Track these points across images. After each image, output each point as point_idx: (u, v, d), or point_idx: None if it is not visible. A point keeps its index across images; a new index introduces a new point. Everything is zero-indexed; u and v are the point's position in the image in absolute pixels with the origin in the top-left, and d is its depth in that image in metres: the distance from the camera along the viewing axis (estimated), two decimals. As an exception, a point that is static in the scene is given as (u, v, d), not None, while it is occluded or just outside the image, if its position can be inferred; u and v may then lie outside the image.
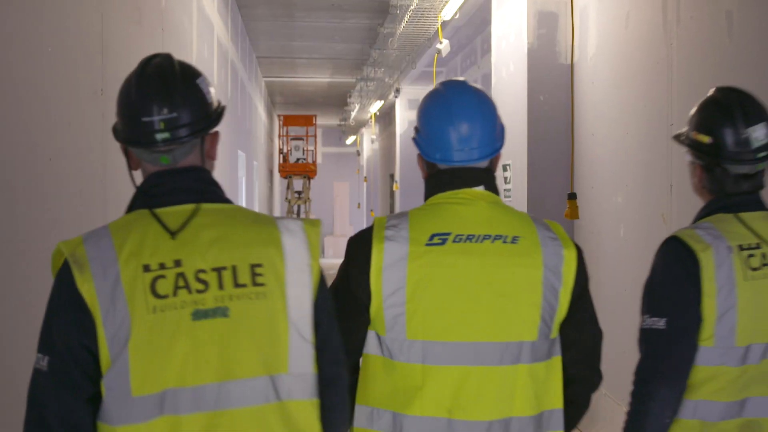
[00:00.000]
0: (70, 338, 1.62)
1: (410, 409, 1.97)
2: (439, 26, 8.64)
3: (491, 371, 1.98)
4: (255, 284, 1.73)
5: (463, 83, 2.20)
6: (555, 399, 2.03)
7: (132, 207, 1.76)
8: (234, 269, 1.73)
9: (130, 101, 1.79)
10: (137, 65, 1.82)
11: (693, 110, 2.43)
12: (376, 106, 16.46)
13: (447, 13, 8.11)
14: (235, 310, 1.71)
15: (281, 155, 21.49)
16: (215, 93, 1.88)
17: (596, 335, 2.13)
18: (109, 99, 3.75)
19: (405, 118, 16.38)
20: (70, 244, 1.69)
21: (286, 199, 21.13)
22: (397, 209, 16.42)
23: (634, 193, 5.37)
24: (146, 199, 1.75)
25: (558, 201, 6.48)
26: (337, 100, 20.71)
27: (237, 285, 1.72)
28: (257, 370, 1.71)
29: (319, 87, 18.88)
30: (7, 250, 2.60)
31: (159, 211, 1.73)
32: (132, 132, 1.78)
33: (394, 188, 16.62)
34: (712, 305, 2.16)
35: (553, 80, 6.50)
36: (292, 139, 21.42)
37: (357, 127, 23.46)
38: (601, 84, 5.93)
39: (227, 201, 1.82)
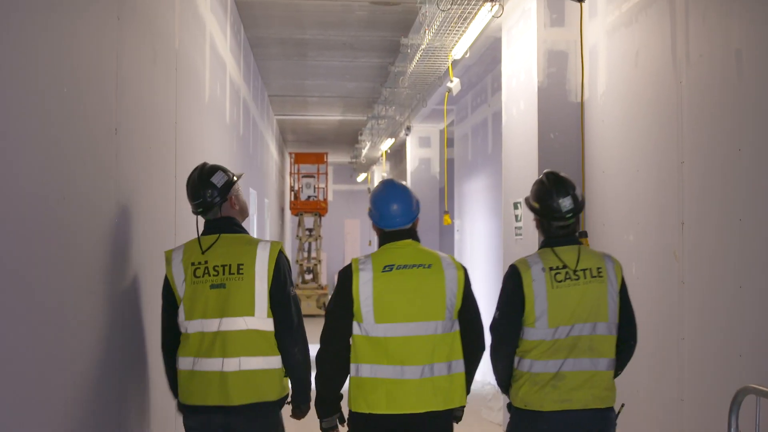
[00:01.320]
0: (165, 291, 3.87)
1: (382, 361, 3.64)
2: (450, 65, 8.69)
3: (421, 338, 3.67)
4: (239, 273, 3.75)
5: (393, 182, 3.90)
6: (457, 354, 3.75)
7: (199, 235, 3.89)
8: (230, 266, 3.76)
9: (188, 188, 3.95)
10: (193, 171, 3.95)
11: (532, 185, 3.97)
12: (387, 144, 16.52)
13: (457, 52, 8.17)
14: (229, 285, 3.75)
15: (292, 193, 21.57)
16: (228, 175, 3.93)
17: (478, 318, 3.83)
18: (123, 138, 3.79)
19: (416, 155, 16.42)
20: (168, 251, 3.88)
21: (297, 236, 21.15)
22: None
23: (646, 230, 5.36)
24: (200, 233, 3.91)
25: (569, 238, 6.48)
26: (348, 137, 20.81)
27: (230, 273, 3.75)
28: (239, 313, 3.72)
29: (331, 125, 18.99)
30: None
31: (201, 238, 3.86)
32: (192, 206, 3.96)
33: (405, 226, 16.62)
34: (532, 303, 3.75)
35: (563, 118, 6.52)
36: (303, 177, 21.50)
37: (368, 165, 23.54)
38: (611, 122, 5.95)
39: (239, 231, 3.88)
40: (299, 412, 3.90)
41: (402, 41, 9.14)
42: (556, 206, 3.82)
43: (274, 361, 3.73)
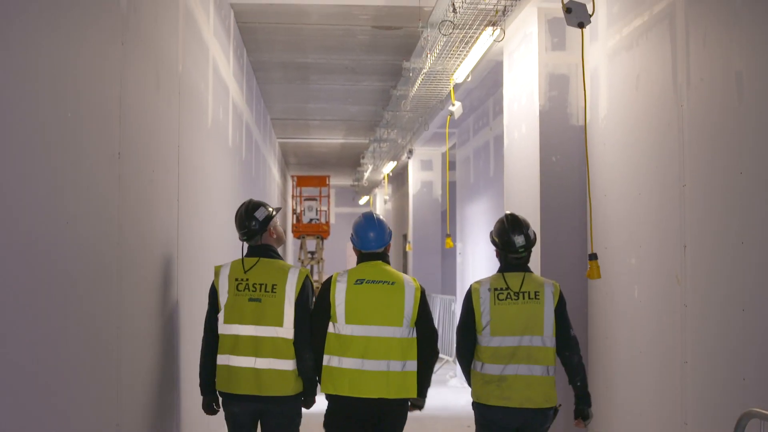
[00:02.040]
0: (211, 298, 4.71)
1: (347, 354, 4.54)
2: (452, 89, 8.73)
3: (380, 339, 4.54)
4: (273, 292, 4.64)
5: (372, 215, 4.80)
6: (412, 355, 4.58)
7: (243, 257, 4.75)
8: (266, 285, 4.65)
9: (236, 220, 4.81)
10: (242, 206, 4.84)
11: (495, 223, 4.96)
12: (389, 167, 16.55)
13: (459, 76, 8.20)
14: (264, 300, 4.62)
15: (294, 216, 21.56)
16: (268, 210, 4.83)
17: (432, 328, 4.69)
18: (126, 162, 3.80)
19: (418, 179, 16.45)
20: (217, 266, 4.75)
21: (299, 259, 21.14)
22: (410, 270, 16.39)
23: (648, 253, 5.35)
24: (243, 255, 4.77)
25: (573, 260, 6.47)
26: (351, 160, 20.84)
27: (266, 291, 4.64)
28: (271, 323, 4.61)
29: (333, 148, 19.03)
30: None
31: (245, 259, 4.72)
32: (239, 234, 4.81)
33: (407, 249, 16.61)
34: (480, 315, 4.72)
35: (565, 141, 6.54)
36: (305, 200, 21.49)
37: (370, 188, 23.56)
38: (613, 145, 5.97)
39: (274, 257, 4.77)
40: (309, 403, 4.84)
41: (404, 65, 9.17)
42: (512, 242, 4.77)
43: (293, 364, 4.65)
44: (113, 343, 3.64)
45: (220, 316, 4.65)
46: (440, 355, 12.82)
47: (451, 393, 11.61)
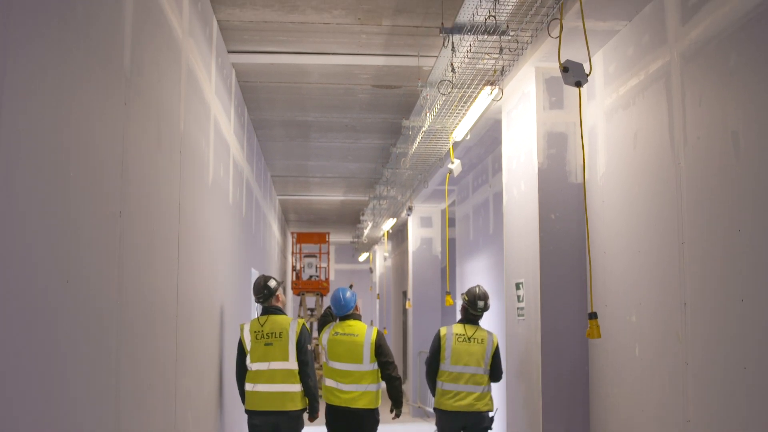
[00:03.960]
0: (240, 347, 6.91)
1: (333, 378, 7.14)
2: (451, 146, 8.79)
3: (350, 371, 7.09)
4: (280, 337, 6.80)
5: (339, 291, 7.40)
6: (375, 381, 7.12)
7: (258, 315, 7.03)
8: (275, 333, 6.81)
9: (253, 289, 7.13)
10: (258, 278, 7.19)
11: (468, 289, 7.47)
12: (388, 224, 16.58)
13: (458, 134, 8.27)
14: (275, 343, 6.79)
15: (294, 272, 21.53)
16: (276, 282, 7.20)
17: (387, 361, 7.11)
18: (127, 221, 3.82)
19: (418, 235, 16.46)
20: (241, 324, 6.99)
21: (299, 316, 21.05)
22: (410, 327, 16.31)
23: (648, 311, 5.34)
24: (259, 313, 7.06)
25: (573, 318, 6.45)
26: (350, 217, 20.89)
27: (276, 337, 6.80)
28: (280, 360, 6.77)
29: (333, 205, 19.09)
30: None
31: (259, 317, 6.97)
32: (254, 297, 7.15)
33: (407, 306, 16.56)
34: (444, 350, 7.23)
35: (564, 199, 6.57)
36: (305, 256, 21.48)
37: (370, 245, 23.58)
38: (611, 202, 5.99)
39: (281, 314, 7.00)
40: (313, 417, 6.98)
41: (403, 123, 9.25)
42: (476, 304, 7.36)
43: (299, 387, 6.76)
44: (111, 403, 3.62)
45: (247, 358, 6.76)
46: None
47: None
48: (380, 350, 7.06)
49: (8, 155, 2.48)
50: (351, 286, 8.19)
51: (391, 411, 7.35)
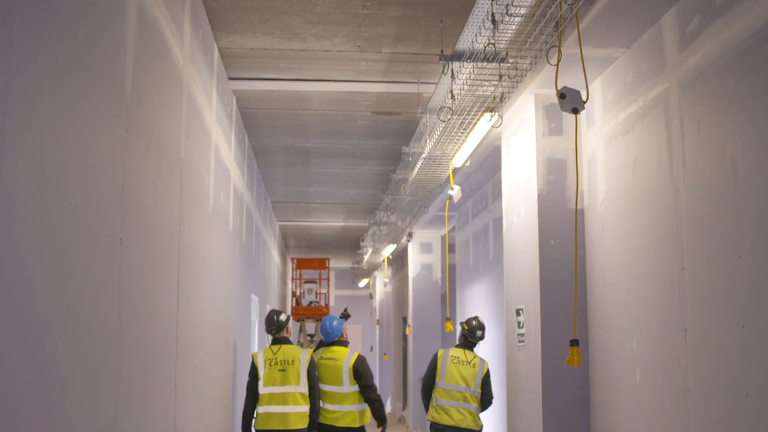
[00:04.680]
0: (252, 371, 7.50)
1: (322, 400, 7.66)
2: (451, 173, 8.81)
3: (336, 393, 7.65)
4: (292, 364, 7.45)
5: (326, 320, 7.95)
6: (358, 402, 7.67)
7: (270, 344, 7.63)
8: (287, 360, 7.46)
9: (266, 321, 7.76)
10: (270, 312, 7.81)
11: (469, 318, 8.21)
12: (388, 250, 16.57)
13: (458, 160, 8.29)
14: (287, 369, 7.44)
15: (294, 298, 21.49)
16: (286, 315, 7.84)
17: (367, 384, 7.63)
18: (127, 248, 3.82)
19: (418, 261, 16.46)
20: (254, 353, 7.59)
21: (299, 342, 20.99)
22: (410, 353, 16.26)
23: (649, 337, 5.33)
24: (271, 343, 7.67)
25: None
26: (350, 243, 20.89)
27: (288, 364, 7.46)
28: (293, 384, 7.41)
29: (333, 231, 19.10)
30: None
31: (272, 346, 7.60)
32: (266, 328, 7.78)
33: (407, 332, 16.51)
34: (439, 369, 7.91)
35: (563, 225, 6.57)
36: (305, 282, 21.44)
37: (370, 270, 23.54)
38: (611, 229, 6.00)
39: (290, 343, 7.62)
40: None
41: (403, 149, 9.29)
42: (474, 334, 8.02)
43: (307, 408, 7.38)
44: (110, 430, 3.60)
45: (260, 383, 7.39)
46: None
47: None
48: (358, 374, 7.60)
49: (9, 181, 2.48)
50: (346, 309, 8.64)
51: (378, 427, 8.03)
